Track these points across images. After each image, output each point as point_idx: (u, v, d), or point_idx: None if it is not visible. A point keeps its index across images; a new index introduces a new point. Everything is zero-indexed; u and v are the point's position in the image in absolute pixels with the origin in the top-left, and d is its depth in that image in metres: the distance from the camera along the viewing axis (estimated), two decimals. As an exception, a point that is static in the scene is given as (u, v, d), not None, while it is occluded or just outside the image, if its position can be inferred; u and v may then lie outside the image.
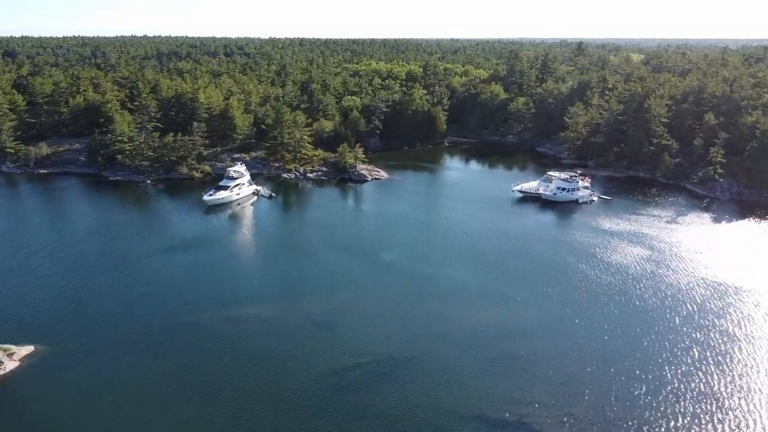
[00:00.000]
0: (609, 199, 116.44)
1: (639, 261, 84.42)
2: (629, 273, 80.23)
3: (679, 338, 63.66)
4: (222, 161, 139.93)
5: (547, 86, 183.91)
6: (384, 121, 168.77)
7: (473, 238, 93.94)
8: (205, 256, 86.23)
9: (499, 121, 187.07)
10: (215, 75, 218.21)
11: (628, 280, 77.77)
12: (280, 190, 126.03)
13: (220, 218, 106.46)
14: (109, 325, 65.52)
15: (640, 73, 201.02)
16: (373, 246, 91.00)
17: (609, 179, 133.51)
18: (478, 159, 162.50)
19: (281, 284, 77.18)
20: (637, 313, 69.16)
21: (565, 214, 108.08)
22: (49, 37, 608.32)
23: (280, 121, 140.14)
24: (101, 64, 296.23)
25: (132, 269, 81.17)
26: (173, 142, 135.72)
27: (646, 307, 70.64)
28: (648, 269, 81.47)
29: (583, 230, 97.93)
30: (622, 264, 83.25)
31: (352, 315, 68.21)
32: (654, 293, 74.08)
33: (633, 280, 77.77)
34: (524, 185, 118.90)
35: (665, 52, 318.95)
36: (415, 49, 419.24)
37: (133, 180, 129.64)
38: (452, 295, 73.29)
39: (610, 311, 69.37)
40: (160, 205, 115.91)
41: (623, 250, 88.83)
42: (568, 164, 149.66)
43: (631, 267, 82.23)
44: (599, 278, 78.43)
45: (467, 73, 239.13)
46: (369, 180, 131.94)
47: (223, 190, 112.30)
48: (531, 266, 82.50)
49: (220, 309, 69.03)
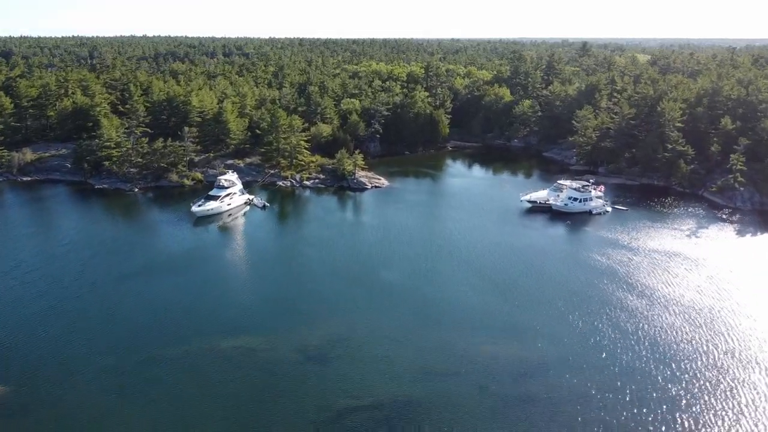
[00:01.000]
0: (625, 210, 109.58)
1: (664, 282, 77.42)
2: (655, 297, 73.22)
3: (721, 378, 56.50)
4: (214, 168, 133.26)
5: (553, 88, 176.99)
6: (384, 124, 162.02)
7: (480, 255, 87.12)
8: (190, 277, 79.35)
9: (503, 125, 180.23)
10: (210, 77, 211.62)
11: (655, 306, 70.75)
12: (275, 199, 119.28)
13: (209, 231, 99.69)
14: (77, 363, 58.67)
15: (649, 74, 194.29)
16: (373, 264, 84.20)
17: (621, 187, 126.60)
18: (482, 165, 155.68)
19: (271, 309, 70.34)
20: (670, 345, 62.14)
21: (578, 226, 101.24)
22: (47, 38, 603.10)
23: (275, 126, 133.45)
24: (96, 65, 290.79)
25: (110, 292, 74.21)
26: (163, 147, 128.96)
27: (679, 338, 63.56)
28: (676, 293, 74.47)
29: (599, 245, 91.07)
30: (646, 286, 76.28)
31: (348, 347, 61.38)
32: (686, 321, 67.07)
33: (661, 306, 70.74)
34: (533, 195, 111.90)
35: (671, 53, 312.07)
36: (415, 49, 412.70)
37: (120, 188, 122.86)
38: (459, 323, 66.47)
39: (639, 343, 62.42)
40: (147, 217, 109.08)
41: (645, 268, 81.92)
42: (577, 170, 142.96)
43: (656, 290, 75.23)
44: (623, 303, 71.49)
45: (470, 75, 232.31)
46: (368, 188, 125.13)
47: (213, 200, 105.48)
48: (545, 288, 75.65)
49: (203, 340, 62.22)
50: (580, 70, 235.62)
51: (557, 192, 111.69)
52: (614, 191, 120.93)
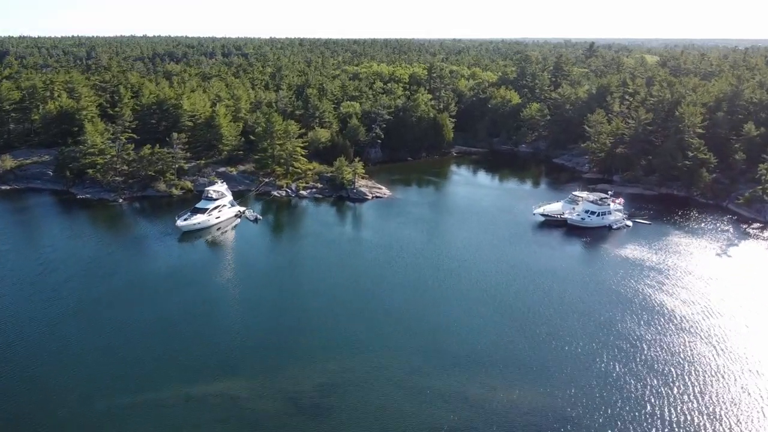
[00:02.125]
0: (647, 223, 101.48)
1: (704, 313, 69.04)
2: (696, 331, 64.73)
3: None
4: (205, 176, 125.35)
5: (563, 91, 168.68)
6: (386, 129, 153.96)
7: (493, 279, 79.02)
8: (171, 306, 71.23)
9: (510, 129, 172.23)
10: (205, 78, 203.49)
11: (698, 342, 62.43)
12: (269, 211, 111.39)
13: (195, 248, 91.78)
14: (27, 419, 50.70)
15: (662, 76, 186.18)
16: (374, 289, 76.13)
17: (639, 197, 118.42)
18: (489, 172, 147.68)
19: (259, 346, 62.19)
20: (722, 396, 53.97)
21: (597, 243, 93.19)
22: (46, 38, 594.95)
23: (270, 131, 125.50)
24: (92, 65, 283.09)
25: (74, 330, 65.18)
26: (150, 154, 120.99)
27: (733, 386, 55.51)
28: (717, 325, 66.03)
29: (623, 267, 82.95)
30: (684, 318, 67.82)
31: (345, 394, 53.34)
32: (734, 361, 58.85)
33: (703, 342, 62.39)
34: (547, 207, 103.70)
35: (680, 54, 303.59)
36: (417, 49, 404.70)
37: (104, 198, 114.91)
38: (471, 362, 58.42)
39: (685, 393, 54.11)
40: (130, 231, 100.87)
41: (679, 295, 73.65)
42: (589, 178, 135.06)
43: (696, 322, 66.73)
44: (661, 340, 62.84)
45: (474, 76, 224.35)
46: (369, 198, 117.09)
47: (200, 213, 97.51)
48: (567, 319, 67.59)
49: (178, 386, 54.16)
50: (588, 72, 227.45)
51: (572, 204, 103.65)
52: (632, 202, 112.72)
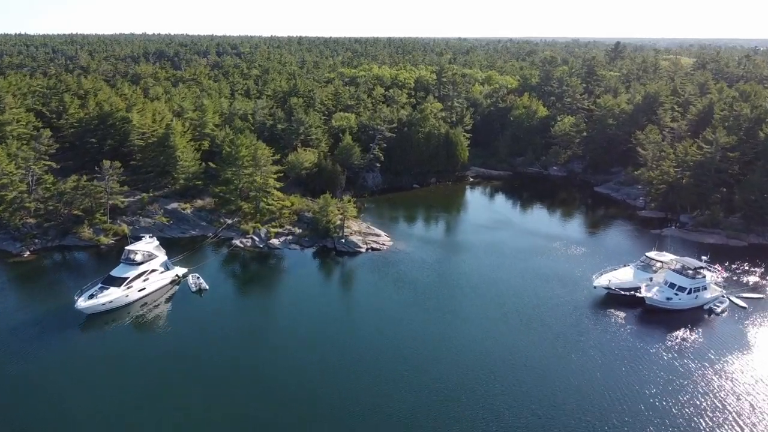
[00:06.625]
0: (761, 297, 71.56)
1: None
2: None
3: None
4: (150, 216, 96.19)
5: (604, 101, 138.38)
6: (387, 148, 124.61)
7: (545, 404, 49.37)
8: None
9: (537, 147, 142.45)
10: (177, 82, 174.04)
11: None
12: (225, 270, 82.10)
13: (104, 342, 62.25)
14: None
15: (709, 82, 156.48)
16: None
17: (724, 251, 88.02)
18: (516, 204, 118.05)
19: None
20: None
21: (696, 339, 63.25)
22: (35, 35, 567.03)
23: (234, 158, 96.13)
24: (69, 65, 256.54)
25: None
26: (74, 188, 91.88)
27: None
28: None
29: (746, 382, 53.22)
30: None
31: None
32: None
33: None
34: (611, 276, 72.61)
35: (716, 54, 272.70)
36: (422, 48, 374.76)
37: (6, 250, 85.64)
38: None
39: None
40: (21, 307, 70.85)
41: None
42: (647, 217, 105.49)
43: None
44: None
45: (490, 80, 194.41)
46: (362, 251, 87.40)
47: (114, 285, 68.03)
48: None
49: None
50: (620, 75, 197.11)
51: (647, 272, 73.53)
52: (715, 256, 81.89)
